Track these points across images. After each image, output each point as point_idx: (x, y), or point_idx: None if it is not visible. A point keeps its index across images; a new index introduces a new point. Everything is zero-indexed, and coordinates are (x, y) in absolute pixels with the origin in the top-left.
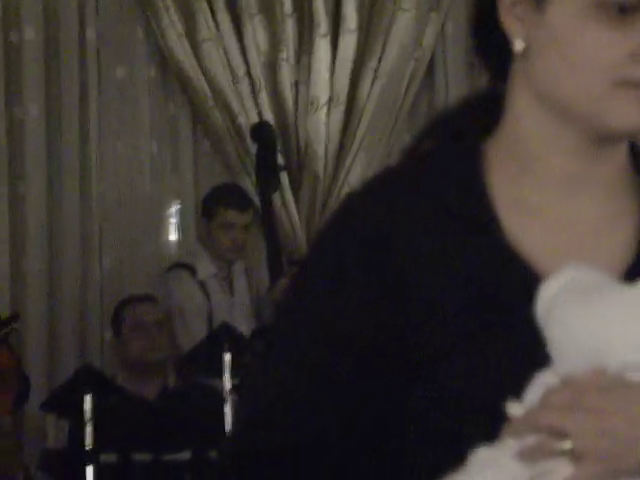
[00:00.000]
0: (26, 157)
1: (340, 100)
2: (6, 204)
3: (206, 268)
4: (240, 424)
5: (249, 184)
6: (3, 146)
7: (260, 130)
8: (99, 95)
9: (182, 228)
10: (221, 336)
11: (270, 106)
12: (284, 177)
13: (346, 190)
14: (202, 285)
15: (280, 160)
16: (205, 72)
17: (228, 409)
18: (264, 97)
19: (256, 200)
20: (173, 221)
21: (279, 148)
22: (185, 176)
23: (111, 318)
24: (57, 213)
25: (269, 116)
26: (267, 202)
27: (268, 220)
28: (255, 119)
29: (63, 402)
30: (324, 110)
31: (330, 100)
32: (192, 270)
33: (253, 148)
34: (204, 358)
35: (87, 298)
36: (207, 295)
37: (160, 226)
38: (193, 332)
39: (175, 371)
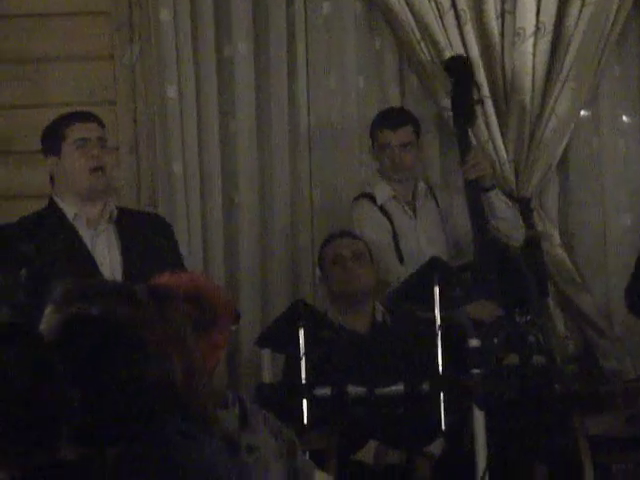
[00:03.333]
0: (235, 95)
1: (547, 29)
2: (217, 140)
3: (383, 192)
4: None
5: None
6: (213, 85)
7: (455, 63)
8: (306, 31)
9: None
10: (431, 269)
11: (476, 38)
12: (490, 110)
13: (555, 120)
14: (382, 209)
15: (476, 94)
16: (410, 6)
17: (439, 342)
18: (470, 29)
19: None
20: None
21: (478, 81)
22: None
23: (317, 255)
24: (266, 148)
25: (475, 48)
26: (464, 136)
27: (465, 153)
28: (461, 52)
29: (277, 337)
30: (531, 40)
31: (537, 30)
32: (372, 198)
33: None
34: (413, 291)
35: (298, 232)
36: (389, 219)
37: (368, 160)
38: (383, 258)
39: (382, 304)
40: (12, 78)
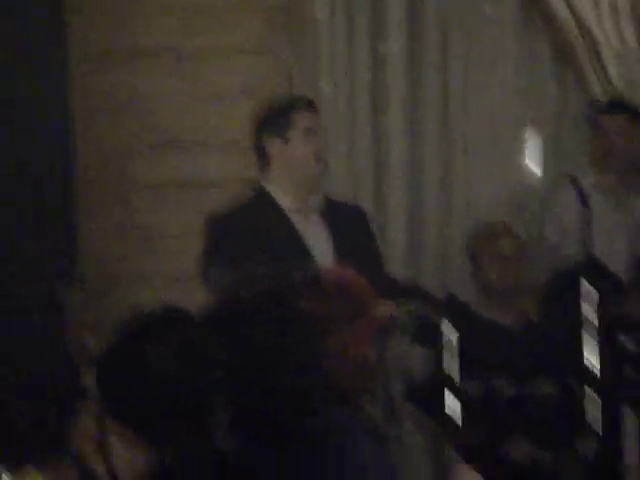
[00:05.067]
0: (389, 92)
1: None
2: (370, 136)
3: (586, 178)
4: None
5: None
6: (367, 82)
7: None
8: (462, 32)
9: (544, 159)
10: (582, 268)
11: (634, 32)
12: None
13: None
14: (582, 195)
15: None
16: (569, 3)
17: (591, 342)
18: (627, 24)
19: None
20: (536, 152)
21: None
22: (548, 107)
23: (467, 247)
24: (418, 147)
25: (633, 43)
26: None
27: None
28: (618, 48)
29: (426, 332)
30: None
31: None
32: (575, 181)
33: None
34: (566, 289)
35: (450, 224)
36: (586, 206)
37: (523, 156)
38: (565, 249)
39: (537, 303)
40: (172, 72)
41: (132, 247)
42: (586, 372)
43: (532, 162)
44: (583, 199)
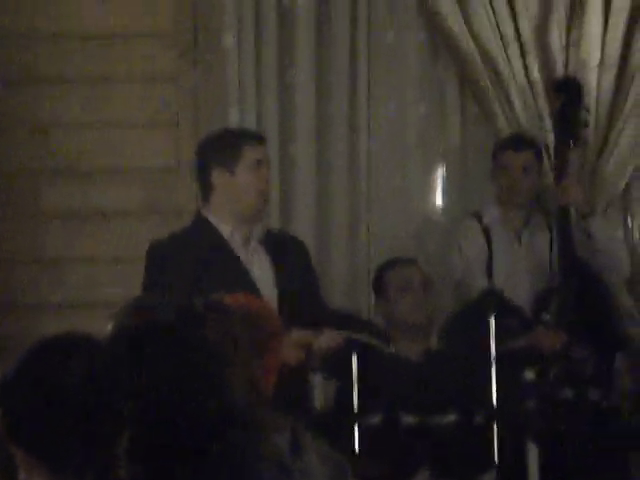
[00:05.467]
0: (296, 120)
1: (612, 63)
2: (277, 162)
3: (491, 213)
4: None
5: None
6: (274, 110)
7: (565, 84)
8: (369, 58)
9: (448, 192)
10: (486, 300)
11: (539, 69)
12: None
13: (617, 154)
14: (485, 231)
15: (584, 115)
16: (474, 36)
17: (493, 375)
18: (533, 60)
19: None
20: (439, 184)
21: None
22: (452, 139)
23: (373, 280)
24: (326, 173)
25: (538, 80)
26: (563, 159)
27: (560, 177)
28: (523, 83)
29: (330, 363)
30: (595, 73)
31: (601, 63)
32: (479, 217)
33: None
34: (469, 321)
35: (355, 259)
36: (490, 240)
37: (427, 189)
38: (471, 276)
39: (437, 333)
40: (77, 98)
41: (39, 276)
42: (489, 405)
43: (436, 195)
44: (487, 234)
